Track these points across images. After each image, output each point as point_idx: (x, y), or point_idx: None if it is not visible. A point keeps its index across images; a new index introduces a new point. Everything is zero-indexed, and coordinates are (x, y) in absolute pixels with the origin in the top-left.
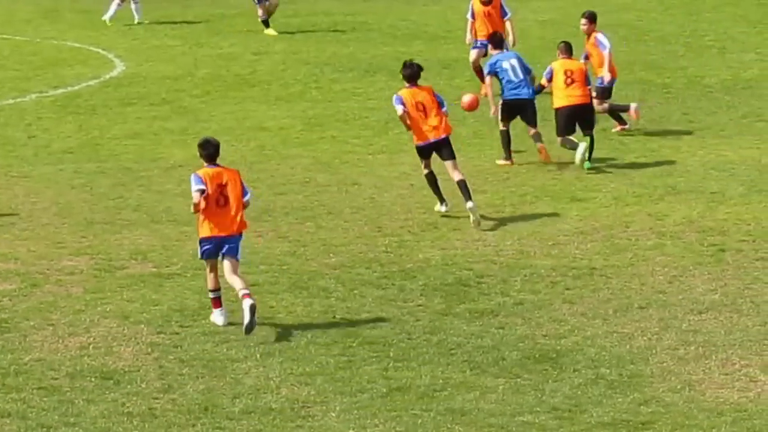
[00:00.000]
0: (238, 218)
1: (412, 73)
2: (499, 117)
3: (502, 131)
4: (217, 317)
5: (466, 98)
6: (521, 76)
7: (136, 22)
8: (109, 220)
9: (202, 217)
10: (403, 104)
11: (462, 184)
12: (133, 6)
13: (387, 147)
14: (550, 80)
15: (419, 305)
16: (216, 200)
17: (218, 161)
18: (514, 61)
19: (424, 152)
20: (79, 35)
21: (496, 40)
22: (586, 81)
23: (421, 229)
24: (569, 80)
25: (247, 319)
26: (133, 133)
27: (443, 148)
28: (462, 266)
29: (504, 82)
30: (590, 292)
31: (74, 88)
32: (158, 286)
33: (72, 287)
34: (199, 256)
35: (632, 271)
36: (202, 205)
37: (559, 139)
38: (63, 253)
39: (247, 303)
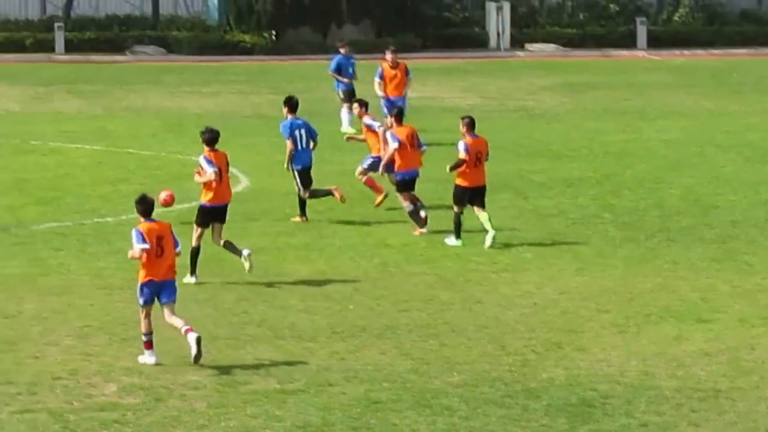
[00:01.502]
0: (172, 266)
1: (212, 137)
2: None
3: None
4: (147, 358)
5: (163, 195)
6: (305, 145)
7: (342, 129)
8: (232, 336)
9: (142, 266)
10: (213, 167)
11: (228, 245)
12: (348, 113)
13: (510, 265)
14: (467, 154)
15: (543, 425)
16: (155, 252)
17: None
18: (303, 131)
19: (208, 214)
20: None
21: (293, 104)
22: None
23: (545, 349)
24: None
25: (194, 350)
26: (257, 249)
27: (223, 212)
28: (586, 386)
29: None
30: (716, 415)
31: (198, 203)
32: (281, 402)
33: (195, 402)
34: (140, 303)
35: (758, 394)
36: (144, 259)
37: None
38: (187, 367)
39: (192, 336)
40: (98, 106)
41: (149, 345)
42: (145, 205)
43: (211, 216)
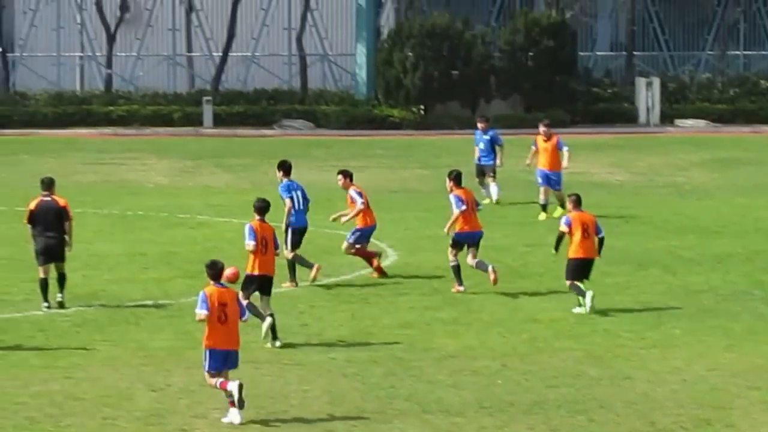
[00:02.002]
0: (236, 334)
1: (261, 207)
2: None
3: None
4: (233, 416)
5: (228, 271)
6: (302, 206)
7: (494, 201)
8: (380, 410)
9: (206, 330)
10: (255, 237)
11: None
12: (493, 187)
13: (659, 341)
14: (567, 227)
15: None
16: (218, 317)
17: None
18: (299, 193)
19: (252, 282)
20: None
21: (287, 168)
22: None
23: (694, 425)
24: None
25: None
26: (405, 323)
27: (267, 284)
28: None
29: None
30: None
31: (347, 277)
32: None
33: None
34: (206, 369)
35: None
36: (207, 323)
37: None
38: None
39: (234, 385)
40: (246, 180)
41: (233, 403)
42: (214, 270)
43: (257, 284)
